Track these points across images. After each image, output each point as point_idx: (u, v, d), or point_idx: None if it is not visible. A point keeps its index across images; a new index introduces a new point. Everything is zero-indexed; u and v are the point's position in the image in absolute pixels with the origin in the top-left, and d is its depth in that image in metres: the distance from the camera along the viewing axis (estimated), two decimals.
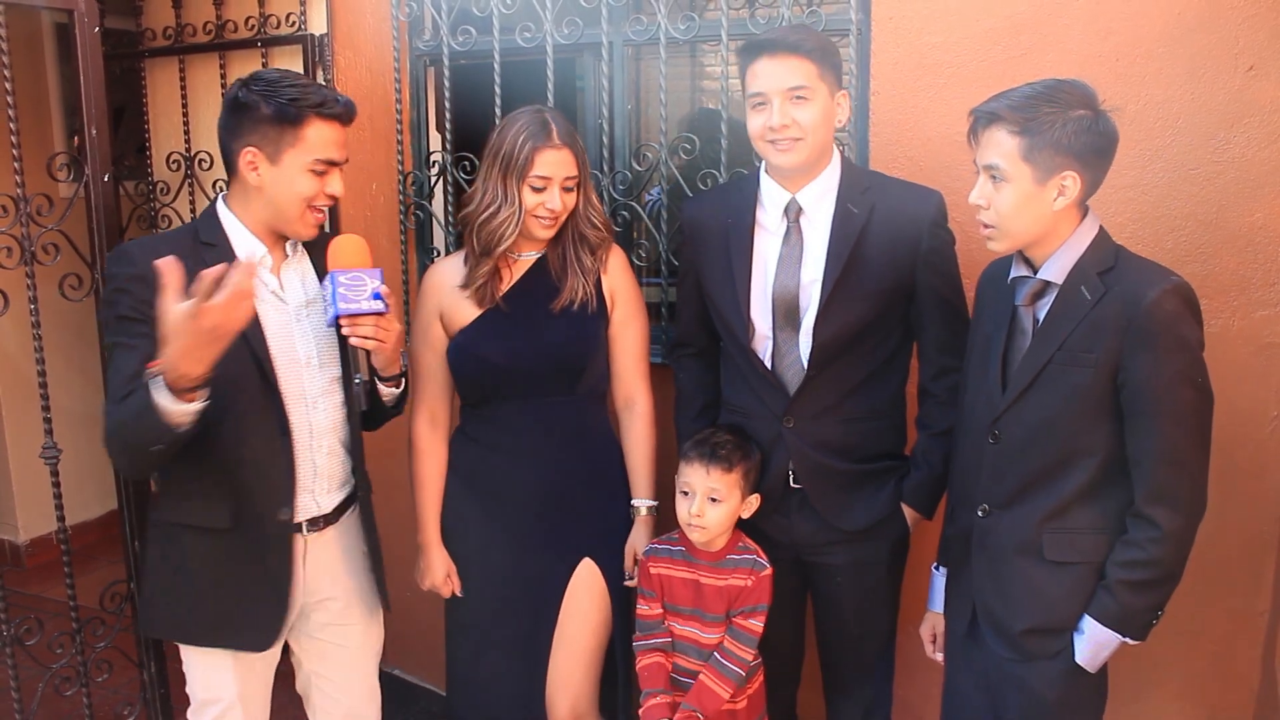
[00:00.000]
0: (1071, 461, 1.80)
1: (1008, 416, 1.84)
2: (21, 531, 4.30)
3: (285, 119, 1.92)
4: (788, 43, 2.00)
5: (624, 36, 2.70)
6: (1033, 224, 1.78)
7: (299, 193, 1.96)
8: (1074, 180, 1.73)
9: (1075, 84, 1.75)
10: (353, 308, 1.97)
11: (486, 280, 2.29)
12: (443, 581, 2.38)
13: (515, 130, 2.21)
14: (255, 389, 1.98)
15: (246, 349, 1.95)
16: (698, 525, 2.12)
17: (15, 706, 2.56)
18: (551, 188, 2.20)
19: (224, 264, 1.68)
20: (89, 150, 2.48)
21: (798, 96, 2.01)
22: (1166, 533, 1.73)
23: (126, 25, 3.42)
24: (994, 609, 1.90)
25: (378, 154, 3.04)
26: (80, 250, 2.52)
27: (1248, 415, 2.15)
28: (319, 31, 3.04)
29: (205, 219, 2.04)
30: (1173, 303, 1.70)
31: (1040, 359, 1.80)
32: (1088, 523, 1.81)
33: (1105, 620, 1.78)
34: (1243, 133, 2.10)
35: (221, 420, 1.94)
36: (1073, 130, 1.70)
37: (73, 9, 2.44)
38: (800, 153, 2.05)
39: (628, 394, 2.37)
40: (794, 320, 2.11)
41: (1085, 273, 1.77)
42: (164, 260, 1.66)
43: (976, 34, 2.28)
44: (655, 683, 2.20)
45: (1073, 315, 1.77)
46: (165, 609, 2.09)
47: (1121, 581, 1.76)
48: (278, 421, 2.02)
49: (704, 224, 2.24)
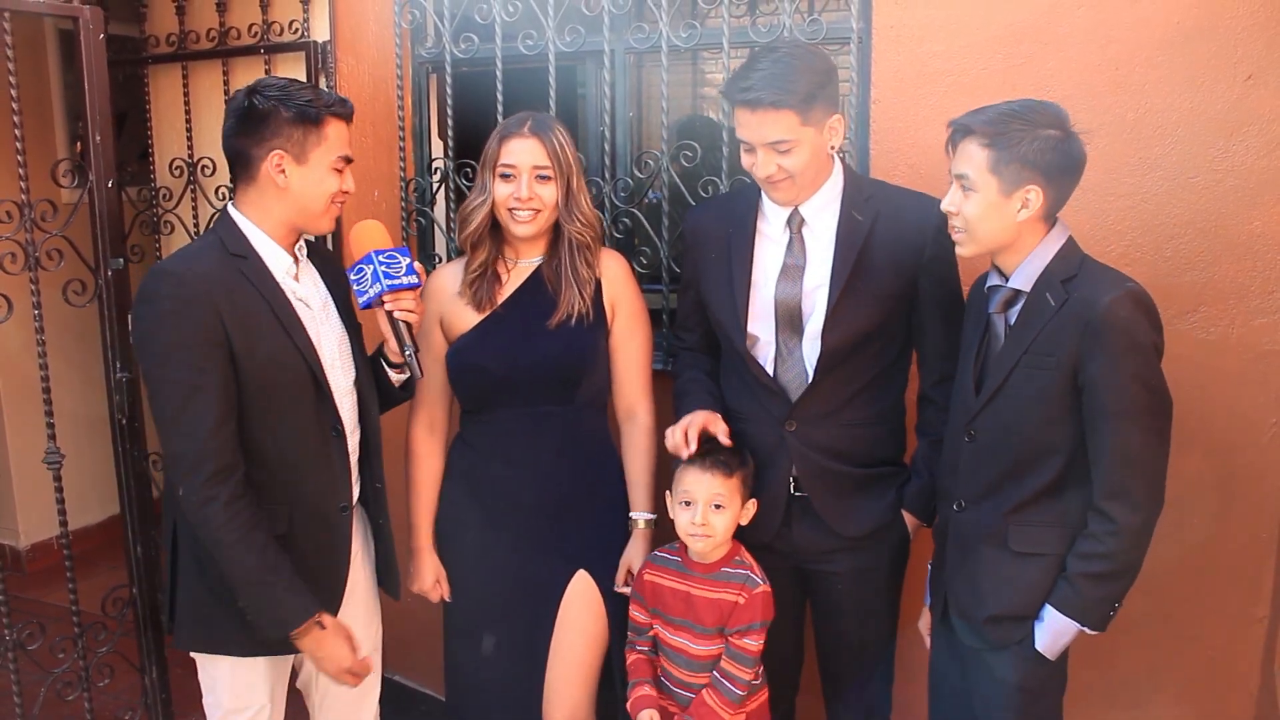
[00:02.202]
0: (1038, 459, 1.88)
1: (981, 417, 1.93)
2: (23, 536, 4.29)
3: (307, 120, 1.96)
4: (767, 100, 1.96)
5: (626, 44, 2.71)
6: (997, 232, 1.86)
7: (327, 190, 2.02)
8: (1037, 194, 1.82)
9: (1048, 105, 1.84)
10: (394, 283, 2.05)
11: (480, 280, 2.30)
12: (431, 587, 2.38)
13: (497, 127, 2.28)
14: (309, 397, 2.02)
15: (299, 357, 1.99)
16: (703, 535, 2.10)
17: (17, 711, 2.56)
18: (519, 176, 2.21)
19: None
20: (93, 156, 2.49)
21: (780, 150, 2.01)
22: (1122, 527, 1.81)
23: (130, 32, 3.43)
24: (961, 598, 1.99)
25: (380, 160, 3.05)
26: (84, 256, 2.53)
27: (1247, 422, 2.16)
28: (322, 38, 3.05)
29: (227, 230, 2.01)
30: (1126, 307, 1.77)
31: (1009, 362, 1.89)
32: (1051, 517, 1.89)
33: (1065, 610, 1.86)
34: (1241, 141, 2.11)
35: (278, 427, 1.98)
36: (1039, 148, 1.79)
37: (77, 16, 2.46)
38: (789, 190, 2.08)
39: (629, 405, 2.37)
40: (797, 327, 2.11)
41: (1051, 280, 1.86)
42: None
43: (977, 43, 2.29)
44: (640, 674, 2.23)
45: (1038, 321, 1.85)
46: (207, 623, 2.05)
47: (1081, 574, 1.85)
48: (331, 426, 2.06)
49: (706, 232, 2.25)
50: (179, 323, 1.87)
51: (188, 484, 1.88)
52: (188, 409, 1.87)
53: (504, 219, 2.26)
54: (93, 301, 2.55)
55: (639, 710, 2.19)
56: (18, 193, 2.40)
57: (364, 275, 2.07)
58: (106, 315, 2.55)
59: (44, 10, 2.49)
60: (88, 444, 3.45)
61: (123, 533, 2.67)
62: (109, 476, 2.69)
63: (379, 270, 2.05)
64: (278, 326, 1.97)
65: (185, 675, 2.16)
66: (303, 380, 2.00)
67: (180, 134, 3.36)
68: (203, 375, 1.87)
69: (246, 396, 1.94)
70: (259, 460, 1.96)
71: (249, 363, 1.92)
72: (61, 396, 2.60)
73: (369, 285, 2.07)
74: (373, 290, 2.06)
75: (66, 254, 2.49)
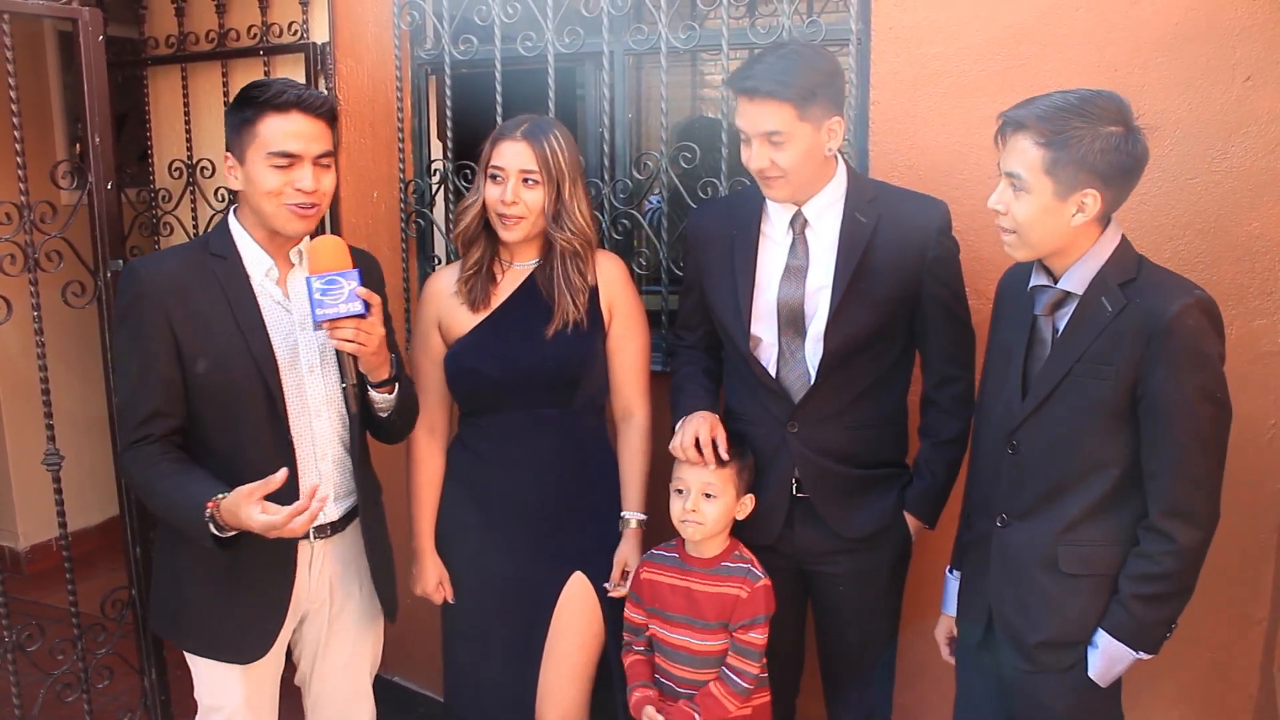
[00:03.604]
0: (1089, 474, 1.78)
1: (1026, 427, 1.83)
2: (22, 538, 4.29)
3: (244, 119, 1.96)
4: (764, 89, 1.97)
5: (625, 46, 2.71)
6: (1050, 236, 1.75)
7: (264, 188, 1.96)
8: (1095, 199, 1.70)
9: (1109, 97, 1.71)
10: (330, 312, 1.92)
11: (475, 278, 2.30)
12: (434, 589, 2.38)
13: (496, 128, 2.29)
14: (260, 401, 2.00)
15: (251, 361, 1.98)
16: (693, 521, 2.10)
17: (16, 713, 2.56)
18: (507, 179, 2.21)
19: (302, 504, 1.82)
20: (92, 158, 2.49)
21: (774, 141, 2.01)
22: (1182, 547, 1.72)
23: (129, 33, 3.42)
24: (1011, 619, 1.88)
25: (379, 162, 3.05)
26: (83, 257, 2.53)
27: (1246, 423, 2.15)
28: (321, 40, 3.05)
29: (217, 231, 2.07)
30: (1195, 317, 1.67)
31: (1060, 370, 1.78)
32: (1103, 535, 1.80)
33: (1118, 634, 1.77)
34: (1240, 143, 2.11)
35: (225, 432, 1.98)
36: (1100, 149, 1.66)
37: (77, 18, 2.45)
38: (783, 189, 2.07)
39: (627, 406, 2.37)
40: (799, 328, 2.11)
41: (1106, 284, 1.75)
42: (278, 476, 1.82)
43: (976, 44, 2.29)
44: (639, 676, 2.23)
45: (1093, 327, 1.75)
46: (169, 614, 2.13)
47: (1135, 595, 1.75)
48: (281, 433, 2.03)
49: (708, 233, 2.25)
50: (131, 316, 1.96)
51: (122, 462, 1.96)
52: (132, 398, 1.97)
53: (493, 222, 2.26)
54: (92, 303, 2.55)
55: (641, 709, 2.19)
56: (17, 194, 2.40)
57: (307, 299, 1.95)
58: (106, 317, 2.55)
59: (43, 12, 2.49)
60: (87, 446, 3.45)
61: (122, 534, 2.67)
62: (108, 478, 2.70)
63: (313, 298, 1.91)
64: (234, 328, 1.98)
65: (185, 677, 2.16)
66: (253, 384, 1.99)
67: (179, 136, 3.36)
68: (148, 367, 1.94)
69: (200, 397, 1.98)
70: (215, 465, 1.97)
71: (199, 362, 1.96)
72: (61, 398, 2.59)
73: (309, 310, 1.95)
74: (313, 314, 1.94)
75: (66, 255, 2.49)
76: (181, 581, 2.07)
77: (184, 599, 2.07)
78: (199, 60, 3.29)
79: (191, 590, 2.06)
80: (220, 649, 2.08)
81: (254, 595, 2.06)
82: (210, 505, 1.85)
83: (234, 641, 2.07)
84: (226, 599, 2.04)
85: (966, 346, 2.16)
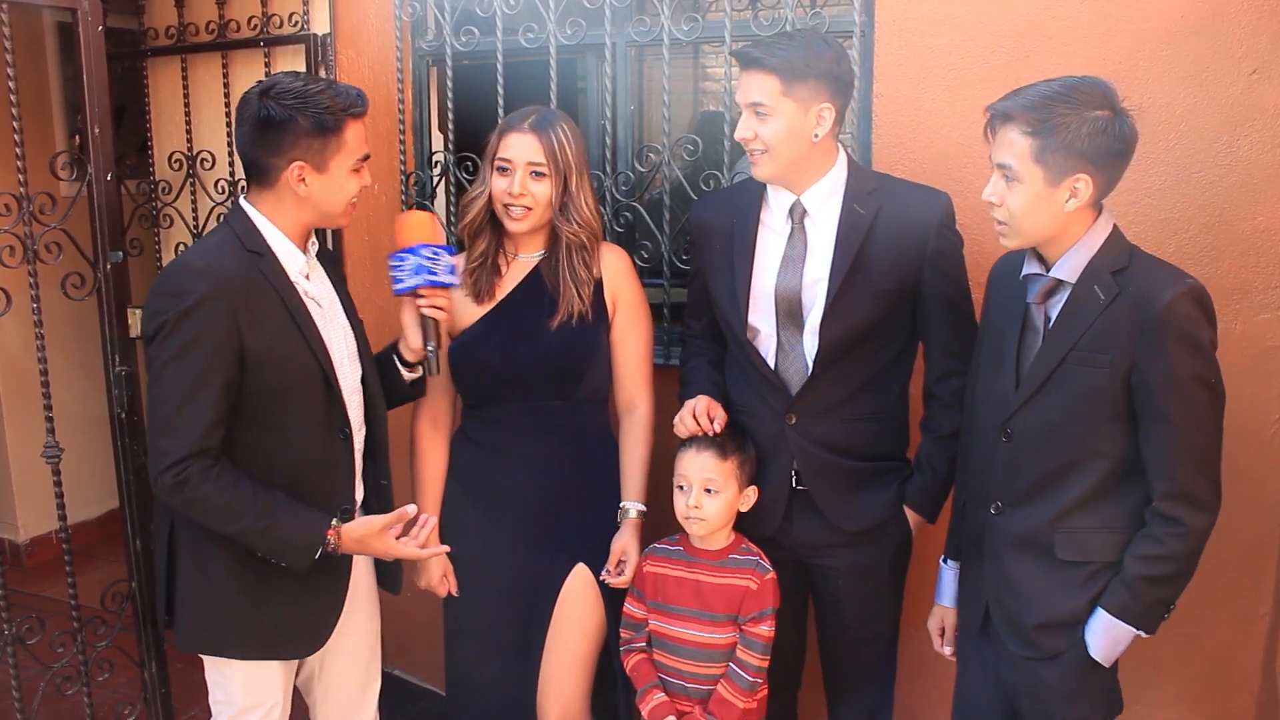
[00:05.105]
0: (1084, 462, 1.80)
1: (1020, 416, 1.84)
2: (21, 531, 4.29)
3: (326, 128, 1.93)
4: (752, 56, 2.00)
5: (627, 37, 2.70)
6: (1044, 224, 1.77)
7: (348, 194, 2.01)
8: (1086, 183, 1.72)
9: (1094, 82, 1.72)
10: (434, 279, 2.09)
11: (480, 270, 2.30)
12: (438, 581, 2.38)
13: (502, 119, 2.29)
14: (319, 398, 2.01)
15: (310, 355, 1.98)
16: (696, 517, 2.11)
17: (16, 706, 2.56)
18: (514, 171, 2.22)
19: (429, 517, 2.13)
20: (91, 149, 2.48)
21: (758, 112, 2.01)
22: (1192, 530, 1.74)
23: (128, 24, 3.41)
24: (1007, 605, 1.89)
25: (380, 154, 3.03)
26: (83, 249, 2.52)
27: (1249, 419, 2.16)
28: (322, 31, 3.04)
29: (242, 226, 1.99)
30: (1188, 306, 1.69)
31: (1053, 359, 1.79)
32: (1098, 523, 1.81)
33: (1119, 613, 1.79)
34: (1245, 136, 2.10)
35: (274, 432, 1.97)
36: (1087, 133, 1.68)
37: (76, 8, 2.44)
38: (766, 166, 2.06)
39: (629, 398, 2.37)
40: (797, 319, 2.11)
41: (1098, 272, 1.76)
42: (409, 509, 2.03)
43: (980, 36, 2.28)
44: (647, 678, 2.22)
45: (1086, 315, 1.76)
46: (208, 627, 2.05)
47: (1140, 576, 1.77)
48: (340, 421, 2.05)
49: (710, 224, 2.24)
50: (197, 320, 1.85)
51: (166, 477, 1.85)
52: (186, 408, 1.86)
53: (499, 213, 2.26)
54: (92, 295, 2.53)
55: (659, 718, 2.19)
56: (16, 186, 2.38)
57: (404, 264, 2.09)
58: (106, 309, 2.54)
59: (42, 2, 2.48)
60: (87, 438, 3.44)
61: (122, 527, 2.66)
62: (108, 471, 2.68)
63: (422, 263, 2.08)
64: (292, 326, 1.96)
65: (185, 670, 2.16)
66: (315, 380, 1.99)
67: (179, 127, 3.35)
68: (209, 375, 1.86)
69: (256, 399, 1.93)
70: (262, 465, 1.95)
71: (262, 363, 1.91)
72: (60, 390, 2.58)
73: (408, 275, 2.09)
74: (410, 281, 2.09)
75: (65, 247, 2.48)
76: (220, 595, 2.01)
77: (226, 611, 2.01)
78: (199, 51, 3.28)
79: (239, 600, 2.01)
80: (278, 648, 2.07)
81: (309, 590, 2.05)
82: (331, 531, 1.95)
83: (294, 637, 2.08)
84: (277, 598, 2.02)
85: (969, 340, 2.14)
